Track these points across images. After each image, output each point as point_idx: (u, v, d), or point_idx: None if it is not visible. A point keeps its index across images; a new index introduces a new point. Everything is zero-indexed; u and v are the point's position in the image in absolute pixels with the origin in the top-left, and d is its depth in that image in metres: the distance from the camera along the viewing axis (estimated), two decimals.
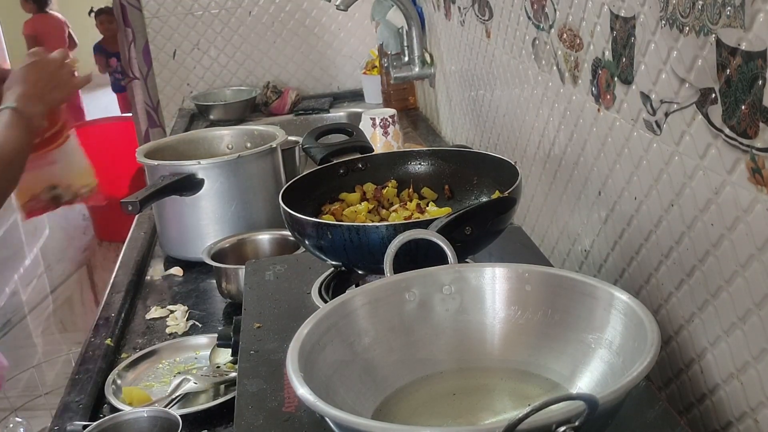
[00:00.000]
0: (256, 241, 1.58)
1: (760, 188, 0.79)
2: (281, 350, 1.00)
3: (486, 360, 0.88)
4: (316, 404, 0.70)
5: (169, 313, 1.47)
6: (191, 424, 1.11)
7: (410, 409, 0.83)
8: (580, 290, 0.85)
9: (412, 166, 1.30)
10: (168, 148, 1.76)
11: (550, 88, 1.33)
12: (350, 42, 2.96)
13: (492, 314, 0.89)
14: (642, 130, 1.01)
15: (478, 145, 1.87)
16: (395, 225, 1.02)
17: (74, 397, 1.22)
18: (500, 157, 1.22)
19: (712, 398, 0.93)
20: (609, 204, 1.15)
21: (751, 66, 0.76)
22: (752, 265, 0.82)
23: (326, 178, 1.27)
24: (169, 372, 1.28)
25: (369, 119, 1.86)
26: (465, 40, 1.87)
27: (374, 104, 2.74)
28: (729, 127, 0.82)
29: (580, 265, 1.29)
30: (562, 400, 0.63)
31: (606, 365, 0.81)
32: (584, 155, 1.22)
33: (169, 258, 1.70)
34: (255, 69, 2.96)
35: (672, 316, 1.00)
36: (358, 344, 0.85)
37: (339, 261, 1.11)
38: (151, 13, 2.87)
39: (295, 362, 0.75)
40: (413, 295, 0.89)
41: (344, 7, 2.23)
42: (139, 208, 1.50)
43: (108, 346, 1.36)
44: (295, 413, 0.89)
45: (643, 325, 0.76)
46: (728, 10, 0.79)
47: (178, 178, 1.59)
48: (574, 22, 1.19)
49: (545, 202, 1.42)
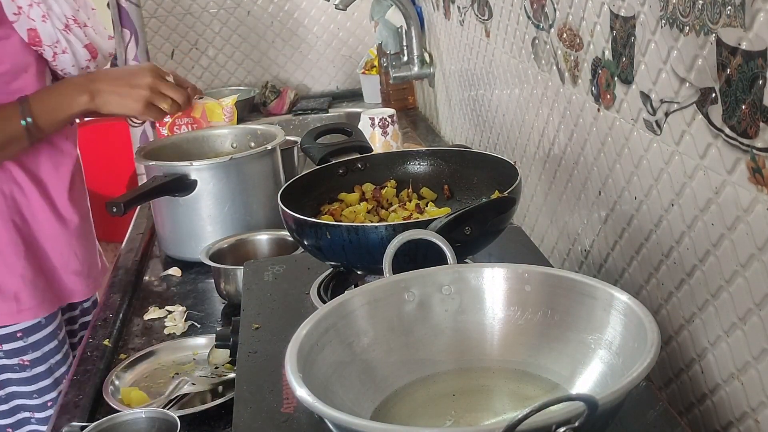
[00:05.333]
0: (255, 241, 1.58)
1: (761, 188, 0.78)
2: (280, 351, 0.99)
3: (485, 360, 0.88)
4: (314, 405, 0.70)
5: (167, 313, 1.47)
6: (189, 425, 1.11)
7: (409, 409, 0.82)
8: (580, 290, 0.85)
9: (411, 166, 1.30)
10: (171, 147, 1.76)
11: (549, 87, 1.33)
12: (349, 41, 2.95)
13: (491, 314, 0.89)
14: (642, 129, 1.01)
15: (477, 144, 1.86)
16: (394, 225, 1.02)
17: (72, 398, 1.22)
18: (500, 157, 1.22)
19: (713, 398, 0.93)
20: (609, 204, 1.15)
21: (752, 65, 0.76)
22: (752, 265, 0.82)
23: (325, 178, 1.27)
24: (168, 373, 1.27)
25: (368, 119, 1.86)
26: (464, 40, 1.87)
27: (373, 104, 2.74)
28: (729, 126, 0.82)
29: (580, 265, 1.29)
30: (562, 400, 0.63)
31: (606, 366, 0.81)
32: (584, 155, 1.21)
33: (168, 258, 1.70)
34: (253, 69, 2.96)
35: (672, 316, 1.00)
36: (357, 345, 0.85)
37: (338, 261, 1.10)
38: (149, 13, 2.86)
39: (293, 363, 0.75)
40: (412, 296, 0.89)
41: (343, 6, 2.23)
42: (123, 210, 1.48)
43: (106, 347, 1.36)
44: (293, 414, 0.88)
45: (643, 326, 0.75)
46: (728, 10, 0.79)
47: (169, 179, 1.58)
48: (573, 22, 1.18)
49: (545, 202, 1.42)
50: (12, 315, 1.56)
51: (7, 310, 1.55)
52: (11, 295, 1.55)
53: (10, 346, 1.57)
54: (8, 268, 1.55)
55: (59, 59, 1.54)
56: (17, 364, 1.58)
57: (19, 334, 1.57)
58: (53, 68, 1.57)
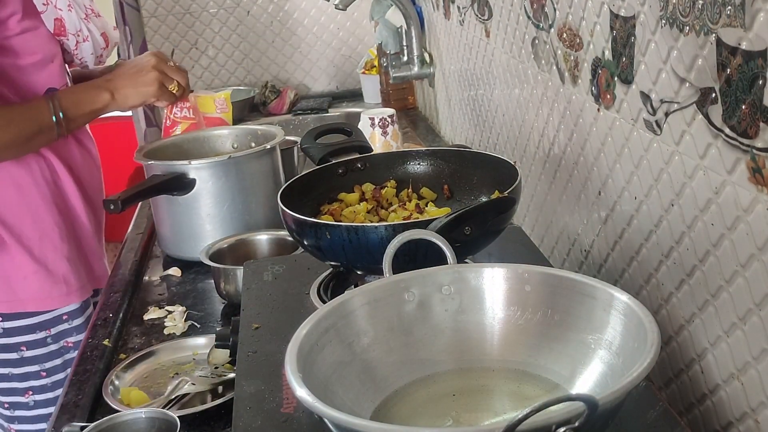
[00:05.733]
0: (255, 241, 1.58)
1: (761, 188, 0.78)
2: (280, 351, 0.99)
3: (485, 360, 0.88)
4: (314, 405, 0.70)
5: (167, 313, 1.47)
6: (189, 425, 1.11)
7: (409, 409, 0.82)
8: (580, 291, 0.85)
9: (411, 166, 1.30)
10: (171, 147, 1.76)
11: (549, 87, 1.33)
12: (349, 41, 2.95)
13: (491, 314, 0.89)
14: (642, 129, 1.01)
15: (477, 144, 1.86)
16: (394, 225, 1.02)
17: (72, 398, 1.22)
18: (500, 157, 1.22)
19: (713, 398, 0.93)
20: (609, 204, 1.15)
21: (752, 65, 0.76)
22: (753, 265, 0.82)
23: (325, 178, 1.27)
24: (167, 373, 1.27)
25: (368, 119, 1.86)
26: (464, 40, 1.87)
27: (373, 104, 2.74)
28: (729, 126, 0.82)
29: (580, 265, 1.29)
30: (562, 400, 0.63)
31: (606, 366, 0.81)
32: (584, 155, 1.21)
33: (168, 258, 1.70)
34: (253, 68, 2.96)
35: (672, 316, 1.00)
36: (357, 345, 0.85)
37: (338, 261, 1.10)
38: (149, 13, 2.86)
39: (293, 363, 0.75)
40: (412, 296, 0.89)
41: (343, 6, 2.23)
42: (120, 207, 1.51)
43: (106, 347, 1.36)
44: (293, 414, 0.88)
45: (643, 326, 0.75)
46: (728, 10, 0.79)
47: (167, 178, 1.59)
48: (573, 22, 1.18)
49: (545, 202, 1.42)
50: (62, 297, 1.65)
51: (58, 293, 1.64)
52: (60, 278, 1.64)
53: (57, 328, 1.66)
54: (56, 252, 1.63)
55: (81, 48, 1.64)
56: (62, 347, 1.66)
57: (65, 317, 1.66)
58: (73, 58, 1.66)
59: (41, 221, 1.62)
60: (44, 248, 1.62)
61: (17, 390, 1.66)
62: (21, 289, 1.61)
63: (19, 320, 1.62)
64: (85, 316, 1.68)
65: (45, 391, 1.66)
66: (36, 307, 1.62)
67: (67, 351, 1.67)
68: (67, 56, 1.64)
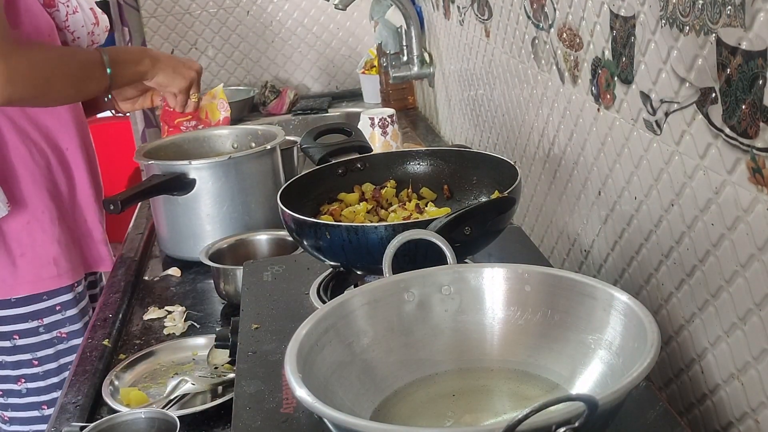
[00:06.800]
0: (255, 241, 1.57)
1: (761, 188, 0.78)
2: (279, 351, 1.00)
3: (485, 360, 0.88)
4: (314, 405, 0.70)
5: (166, 313, 1.47)
6: (189, 426, 1.11)
7: (409, 409, 0.82)
8: (580, 291, 0.85)
9: (411, 166, 1.30)
10: (171, 147, 1.76)
11: (549, 87, 1.33)
12: (349, 41, 2.95)
13: (491, 315, 0.89)
14: (642, 129, 1.01)
15: (477, 144, 1.86)
16: (394, 225, 1.02)
17: (71, 399, 1.22)
18: (499, 157, 1.22)
19: (713, 398, 0.93)
20: (609, 204, 1.15)
21: (752, 65, 0.76)
22: (753, 265, 0.82)
23: (325, 178, 1.27)
24: (167, 373, 1.27)
25: (368, 119, 1.86)
26: (464, 40, 1.87)
27: (373, 104, 2.74)
28: (729, 126, 0.82)
29: (579, 265, 1.29)
30: (562, 401, 0.63)
31: (606, 366, 0.81)
32: (584, 155, 1.21)
33: (167, 258, 1.70)
34: (253, 68, 2.96)
35: (672, 316, 1.00)
36: (356, 345, 0.85)
37: (337, 261, 1.10)
38: (149, 13, 2.86)
39: (293, 363, 0.75)
40: (412, 296, 0.89)
41: (343, 6, 2.23)
42: (120, 208, 1.51)
43: (105, 347, 1.36)
44: (293, 414, 0.88)
45: (643, 326, 0.75)
46: (728, 10, 0.79)
47: (167, 178, 1.59)
48: (573, 22, 1.18)
49: (545, 202, 1.42)
50: (53, 279, 1.65)
51: (48, 274, 1.64)
52: (50, 260, 1.64)
53: (50, 319, 1.66)
54: (45, 234, 1.64)
55: (71, 19, 1.63)
56: (56, 337, 1.67)
57: (57, 307, 1.66)
58: (66, 33, 1.64)
59: (30, 205, 1.62)
60: (33, 231, 1.62)
61: (10, 378, 1.67)
62: (9, 274, 1.61)
63: (12, 309, 1.63)
64: (79, 308, 1.68)
65: (37, 380, 1.67)
66: (26, 290, 1.62)
67: (60, 342, 1.67)
68: (61, 35, 1.63)
